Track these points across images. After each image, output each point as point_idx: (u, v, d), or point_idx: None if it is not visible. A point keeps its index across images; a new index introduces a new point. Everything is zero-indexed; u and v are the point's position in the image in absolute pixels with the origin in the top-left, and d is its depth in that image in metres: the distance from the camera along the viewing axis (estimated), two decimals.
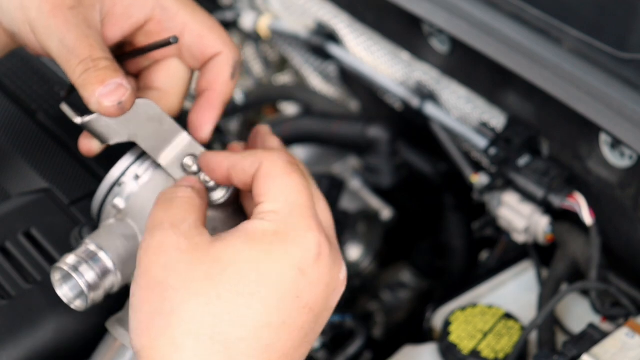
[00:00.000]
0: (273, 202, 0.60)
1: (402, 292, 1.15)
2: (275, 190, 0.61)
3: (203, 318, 0.56)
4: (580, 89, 0.81)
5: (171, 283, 0.57)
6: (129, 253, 0.65)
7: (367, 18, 1.11)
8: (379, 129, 1.12)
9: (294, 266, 0.58)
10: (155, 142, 0.67)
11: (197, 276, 0.57)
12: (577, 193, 0.89)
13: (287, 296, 0.57)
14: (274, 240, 0.58)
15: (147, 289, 0.58)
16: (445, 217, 1.13)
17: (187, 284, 0.57)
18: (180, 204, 0.62)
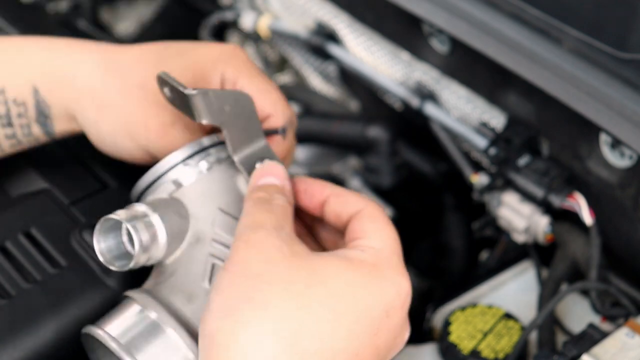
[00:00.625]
0: (375, 240, 0.63)
1: None
2: (379, 232, 0.63)
3: (290, 321, 0.56)
4: (580, 89, 0.81)
5: (269, 278, 0.57)
6: (177, 232, 0.65)
7: (367, 18, 1.11)
8: (379, 129, 1.12)
9: (384, 304, 0.60)
10: (239, 136, 0.67)
11: (296, 280, 0.57)
12: (577, 193, 0.89)
13: (369, 330, 0.59)
14: (372, 272, 0.60)
15: (242, 277, 0.58)
16: (445, 217, 1.13)
17: (286, 284, 0.57)
18: (278, 210, 0.63)
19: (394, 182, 1.15)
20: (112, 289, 0.71)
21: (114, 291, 0.71)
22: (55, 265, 0.71)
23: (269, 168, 0.67)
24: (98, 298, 0.70)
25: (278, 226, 0.61)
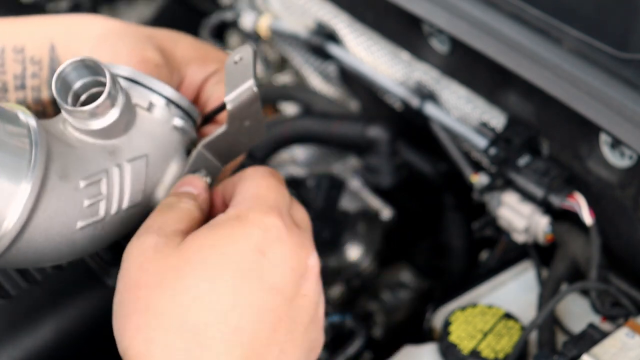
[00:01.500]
0: (240, 197, 0.63)
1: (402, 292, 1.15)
2: (244, 189, 0.63)
3: (173, 310, 0.57)
4: (580, 89, 0.81)
5: (144, 281, 0.59)
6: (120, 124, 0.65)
7: (367, 18, 1.11)
8: (379, 129, 1.12)
9: (254, 247, 0.59)
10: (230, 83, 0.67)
11: (166, 271, 0.58)
12: (577, 193, 0.89)
13: (250, 277, 0.58)
14: (235, 224, 0.60)
15: (125, 291, 0.59)
16: (445, 217, 1.13)
17: (158, 280, 0.58)
18: (177, 212, 0.63)
19: (394, 182, 1.15)
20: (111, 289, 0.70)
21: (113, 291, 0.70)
22: (55, 265, 0.71)
23: (190, 179, 0.67)
24: (97, 298, 0.70)
25: (166, 225, 0.61)
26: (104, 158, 0.64)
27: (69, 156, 0.62)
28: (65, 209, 0.61)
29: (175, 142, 0.68)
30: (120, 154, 0.65)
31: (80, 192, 0.62)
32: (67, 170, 0.61)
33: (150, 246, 0.60)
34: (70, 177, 0.61)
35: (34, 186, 0.58)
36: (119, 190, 0.65)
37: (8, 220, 0.57)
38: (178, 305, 0.57)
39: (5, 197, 0.57)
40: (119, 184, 0.65)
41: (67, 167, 0.61)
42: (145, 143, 0.66)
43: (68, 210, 0.61)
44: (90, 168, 0.63)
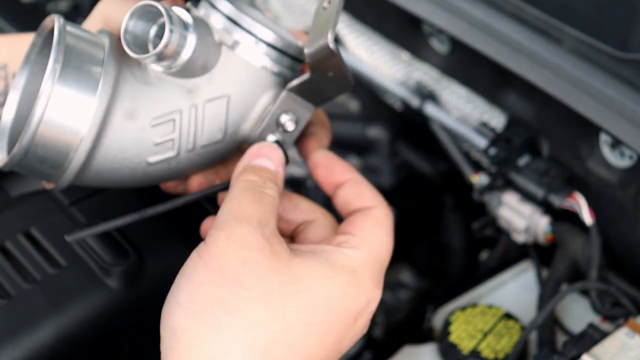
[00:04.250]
0: (365, 242, 0.62)
1: (402, 292, 1.15)
2: (373, 236, 0.62)
3: (262, 330, 0.55)
4: (580, 89, 0.81)
5: (245, 281, 0.55)
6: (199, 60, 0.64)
7: (367, 18, 1.11)
8: (379, 129, 1.12)
9: (354, 312, 0.59)
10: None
11: (273, 286, 0.56)
12: (577, 193, 0.89)
13: (337, 336, 0.58)
14: (350, 280, 0.59)
15: (218, 275, 0.56)
16: (445, 217, 1.13)
17: (261, 290, 0.55)
18: (267, 202, 0.61)
19: (394, 182, 1.15)
20: (111, 289, 0.71)
21: (113, 291, 0.70)
22: (55, 265, 0.71)
23: (267, 150, 0.65)
24: (98, 298, 0.70)
25: (264, 221, 0.59)
26: (180, 97, 0.64)
27: (141, 94, 0.63)
28: (133, 146, 0.63)
29: (264, 82, 0.67)
30: (199, 94, 0.65)
31: (149, 131, 0.63)
32: (135, 110, 0.62)
33: (256, 245, 0.57)
34: (138, 117, 0.63)
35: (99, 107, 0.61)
36: (194, 129, 0.65)
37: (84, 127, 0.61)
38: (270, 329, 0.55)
39: (80, 106, 0.60)
40: (194, 123, 0.64)
41: (136, 106, 0.62)
42: (228, 83, 0.65)
43: (136, 147, 0.63)
44: (163, 107, 0.63)
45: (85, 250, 0.72)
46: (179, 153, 0.65)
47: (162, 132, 0.64)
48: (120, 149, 0.63)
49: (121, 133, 0.62)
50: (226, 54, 0.66)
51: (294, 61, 0.68)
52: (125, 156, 0.63)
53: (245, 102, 0.67)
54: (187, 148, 0.65)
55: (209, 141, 0.66)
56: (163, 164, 0.65)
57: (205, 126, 0.65)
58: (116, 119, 0.62)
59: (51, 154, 0.61)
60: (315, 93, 0.67)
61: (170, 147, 0.64)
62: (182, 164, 0.66)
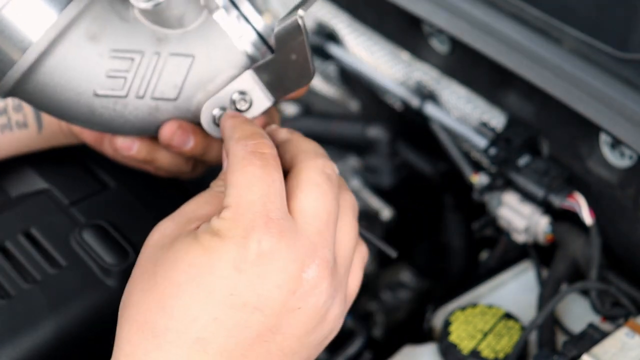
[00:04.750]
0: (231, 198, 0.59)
1: (402, 292, 1.15)
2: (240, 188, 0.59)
3: (139, 305, 0.58)
4: (580, 89, 0.81)
5: (140, 265, 0.60)
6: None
7: (367, 18, 1.11)
8: (379, 129, 1.12)
9: (227, 263, 0.57)
10: None
11: (149, 263, 0.59)
12: (577, 193, 0.89)
13: (219, 292, 0.57)
14: (212, 239, 0.58)
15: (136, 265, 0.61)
16: (445, 217, 1.13)
17: (141, 268, 0.60)
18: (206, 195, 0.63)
19: (394, 182, 1.15)
20: (111, 289, 0.71)
21: (113, 291, 0.71)
22: (55, 265, 0.71)
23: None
24: (98, 298, 0.70)
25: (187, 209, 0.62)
26: (147, 40, 0.64)
27: (111, 23, 0.63)
28: (85, 68, 0.63)
29: (233, 57, 0.67)
30: (167, 44, 0.65)
31: (105, 59, 0.63)
32: (99, 35, 0.62)
33: (159, 231, 0.61)
34: (100, 42, 0.62)
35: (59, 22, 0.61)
36: (149, 77, 0.64)
37: (36, 36, 0.60)
38: (145, 302, 0.58)
39: (40, 17, 0.60)
40: (152, 71, 0.64)
41: (101, 31, 0.62)
42: (198, 45, 0.65)
43: (87, 69, 0.63)
44: (127, 44, 0.63)
45: (85, 250, 0.72)
46: (128, 95, 0.64)
47: (118, 65, 0.63)
48: (72, 65, 0.62)
49: (77, 50, 0.62)
50: (206, 17, 0.66)
51: (268, 50, 0.68)
52: (73, 74, 0.63)
53: (209, 69, 0.66)
54: (138, 93, 0.65)
55: (161, 95, 0.65)
56: (109, 101, 0.64)
57: (161, 78, 0.65)
58: (77, 35, 0.62)
59: (2, 47, 0.61)
60: (276, 81, 0.66)
61: (121, 85, 0.64)
62: (127, 111, 0.65)
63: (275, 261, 0.57)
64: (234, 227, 0.58)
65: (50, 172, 0.80)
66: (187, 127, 0.69)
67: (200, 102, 0.67)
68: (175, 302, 0.57)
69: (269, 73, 0.66)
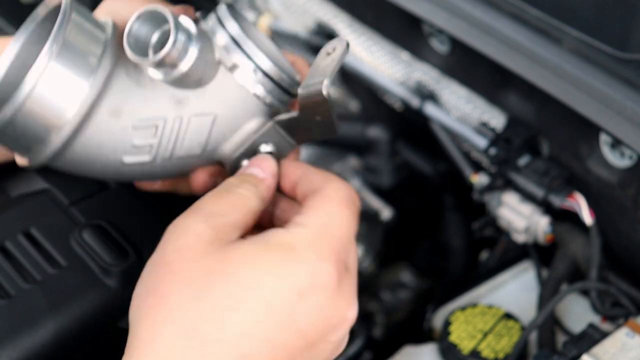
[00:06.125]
0: (310, 219, 0.60)
1: (402, 292, 1.15)
2: (319, 212, 0.61)
3: (189, 311, 0.56)
4: (580, 89, 0.81)
5: (174, 267, 0.57)
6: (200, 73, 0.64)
7: (367, 18, 1.11)
8: (379, 129, 1.12)
9: (295, 288, 0.57)
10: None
11: (198, 268, 0.57)
12: (577, 193, 0.89)
13: (278, 314, 0.57)
14: (285, 256, 0.58)
15: (155, 265, 0.58)
16: (445, 217, 1.13)
17: (187, 272, 0.57)
18: (232, 199, 0.61)
19: (394, 182, 1.15)
20: (111, 289, 0.71)
21: (113, 291, 0.71)
22: (55, 265, 0.71)
23: (260, 160, 0.65)
24: (97, 298, 0.70)
25: (216, 212, 0.60)
26: (168, 105, 0.64)
27: (130, 94, 0.63)
28: (111, 143, 0.63)
29: (254, 109, 0.67)
30: (188, 106, 0.65)
31: (129, 132, 0.63)
32: (121, 108, 0.62)
33: (195, 233, 0.58)
34: (122, 116, 0.62)
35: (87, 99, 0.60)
36: (174, 140, 0.65)
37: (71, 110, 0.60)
38: (196, 309, 0.56)
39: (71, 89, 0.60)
40: (176, 134, 0.64)
41: (122, 105, 0.62)
42: (218, 103, 0.65)
43: (113, 144, 0.63)
44: (148, 112, 0.63)
45: (85, 250, 0.72)
46: (155, 159, 0.65)
47: (143, 135, 0.64)
48: (98, 143, 0.63)
49: (102, 127, 0.62)
50: (223, 73, 0.66)
51: (287, 95, 0.68)
52: (101, 151, 0.63)
53: (231, 124, 0.67)
54: (164, 156, 0.65)
55: (187, 154, 0.66)
56: (137, 166, 0.65)
57: (186, 139, 0.65)
58: (100, 113, 0.62)
59: (34, 129, 0.61)
60: (299, 131, 0.67)
61: (147, 151, 0.64)
62: (155, 169, 0.66)
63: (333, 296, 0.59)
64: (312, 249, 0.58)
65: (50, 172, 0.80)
66: (215, 172, 0.70)
67: (226, 151, 0.68)
68: (232, 317, 0.56)
69: (292, 126, 0.67)
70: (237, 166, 0.68)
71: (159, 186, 0.73)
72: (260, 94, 0.66)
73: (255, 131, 0.67)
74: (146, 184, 0.73)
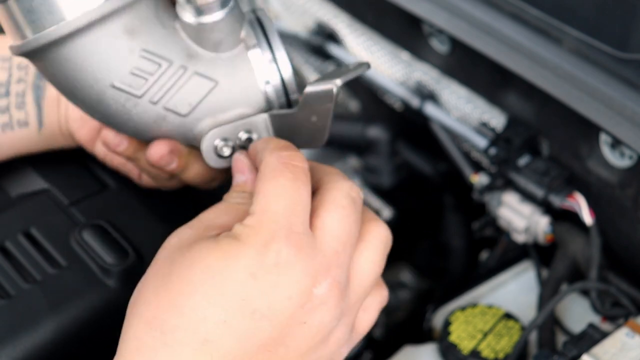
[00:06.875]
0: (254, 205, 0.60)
1: (402, 292, 1.15)
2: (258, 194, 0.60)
3: (150, 302, 0.58)
4: (580, 89, 0.81)
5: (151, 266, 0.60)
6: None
7: (367, 18, 1.11)
8: (379, 129, 1.12)
9: (245, 270, 0.57)
10: None
11: (165, 262, 0.59)
12: (577, 193, 0.89)
13: (231, 296, 0.57)
14: (233, 243, 0.58)
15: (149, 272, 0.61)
16: (445, 217, 1.13)
17: (154, 267, 0.60)
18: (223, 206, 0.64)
19: (394, 182, 1.15)
20: (111, 289, 0.71)
21: (113, 291, 0.71)
22: (55, 265, 0.71)
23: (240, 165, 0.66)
24: (98, 298, 0.71)
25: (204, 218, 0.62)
26: (179, 53, 0.65)
27: (152, 27, 0.64)
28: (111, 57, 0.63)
29: (253, 97, 0.67)
30: (196, 63, 0.65)
31: (134, 56, 0.63)
32: (137, 32, 0.63)
33: (178, 234, 0.61)
34: (135, 38, 0.63)
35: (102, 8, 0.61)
36: (169, 87, 0.65)
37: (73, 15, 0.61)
38: (156, 299, 0.58)
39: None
40: (173, 82, 0.65)
41: (139, 30, 0.63)
42: (224, 74, 0.66)
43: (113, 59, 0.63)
44: (160, 48, 0.64)
45: (85, 250, 0.72)
46: (142, 96, 0.65)
47: (145, 66, 0.64)
48: (101, 51, 0.63)
49: (112, 39, 0.63)
50: (240, 50, 0.66)
51: (287, 101, 0.68)
52: (98, 64, 0.63)
53: (226, 100, 0.67)
54: (152, 98, 0.65)
55: (173, 107, 0.66)
56: (122, 96, 0.64)
57: (179, 92, 0.65)
58: (117, 24, 0.62)
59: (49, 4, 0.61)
60: (288, 132, 0.67)
61: (139, 85, 0.64)
62: (134, 111, 0.65)
63: (290, 273, 0.58)
64: (255, 234, 0.58)
65: (50, 172, 0.80)
66: (175, 151, 0.70)
67: (206, 127, 0.67)
68: (186, 301, 0.57)
69: (283, 124, 0.67)
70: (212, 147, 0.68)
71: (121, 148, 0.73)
72: (266, 88, 0.67)
73: (244, 117, 0.67)
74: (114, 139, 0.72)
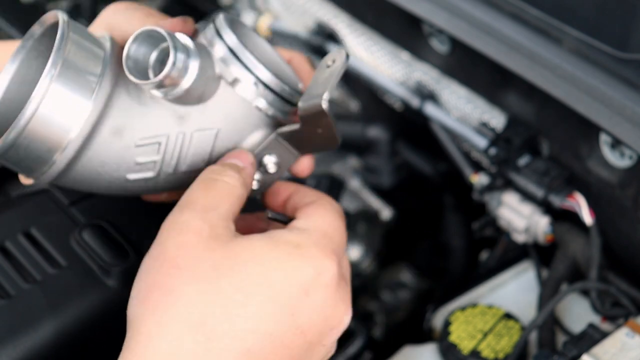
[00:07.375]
0: (308, 221, 0.62)
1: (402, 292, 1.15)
2: (318, 218, 0.63)
3: (196, 305, 0.56)
4: (580, 89, 0.81)
5: (179, 262, 0.57)
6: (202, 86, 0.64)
7: (367, 18, 1.11)
8: (379, 129, 1.12)
9: (301, 284, 0.58)
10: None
11: (206, 264, 0.57)
12: (577, 193, 0.89)
13: (283, 310, 0.57)
14: (292, 252, 0.59)
15: (157, 261, 0.58)
16: (445, 217, 1.13)
17: (193, 268, 0.57)
18: (221, 188, 0.62)
19: (394, 182, 1.15)
20: (111, 289, 0.71)
21: (113, 291, 0.71)
22: (54, 265, 0.71)
23: (237, 153, 0.66)
24: (97, 298, 0.70)
25: (209, 206, 0.60)
26: (170, 122, 0.64)
27: (131, 113, 0.62)
28: (114, 161, 0.62)
29: (256, 121, 0.67)
30: (190, 122, 0.64)
31: (132, 150, 0.63)
32: (123, 127, 0.62)
33: (193, 228, 0.59)
34: (125, 135, 0.62)
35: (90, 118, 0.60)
36: (178, 156, 0.65)
37: (74, 131, 0.60)
38: (203, 304, 0.56)
39: (73, 109, 0.60)
40: (179, 150, 0.64)
41: (124, 124, 0.62)
42: (220, 117, 0.65)
43: (117, 163, 0.63)
44: (151, 130, 0.63)
45: (85, 250, 0.72)
46: (159, 175, 0.65)
47: (146, 153, 0.64)
48: (101, 161, 0.63)
49: (105, 146, 0.62)
50: (224, 88, 0.65)
51: (289, 104, 0.68)
52: (105, 169, 0.63)
53: (234, 137, 0.67)
54: (167, 172, 0.65)
55: (190, 168, 0.66)
56: (141, 182, 0.65)
57: (189, 154, 0.65)
58: (103, 132, 0.61)
59: (37, 150, 0.60)
60: (302, 142, 0.67)
61: (151, 168, 0.64)
62: (159, 184, 0.66)
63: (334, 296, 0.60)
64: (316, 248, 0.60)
65: None
66: None
67: None
68: (239, 310, 0.56)
69: (294, 138, 0.67)
70: None
71: (164, 198, 0.72)
72: (262, 107, 0.66)
73: (258, 143, 0.67)
74: (152, 196, 0.73)
